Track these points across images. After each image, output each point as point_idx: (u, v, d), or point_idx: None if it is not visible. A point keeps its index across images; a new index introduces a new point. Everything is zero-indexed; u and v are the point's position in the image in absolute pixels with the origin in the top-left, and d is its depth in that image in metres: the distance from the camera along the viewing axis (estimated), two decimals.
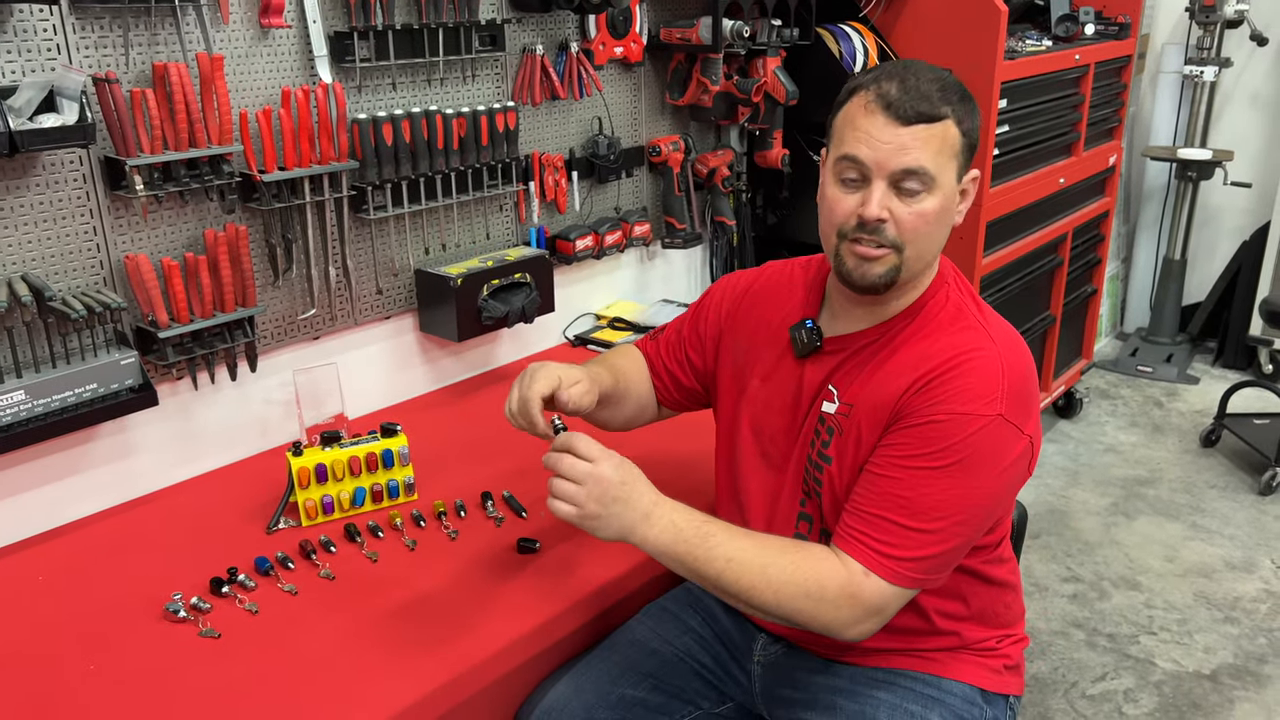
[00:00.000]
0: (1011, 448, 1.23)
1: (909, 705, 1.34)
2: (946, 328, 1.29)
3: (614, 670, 1.44)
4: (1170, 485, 3.45)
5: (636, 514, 1.23)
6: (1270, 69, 4.27)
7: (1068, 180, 3.40)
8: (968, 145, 1.25)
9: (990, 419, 1.21)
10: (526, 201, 2.29)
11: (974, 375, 1.23)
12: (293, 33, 1.79)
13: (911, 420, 1.23)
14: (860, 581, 1.21)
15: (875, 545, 1.22)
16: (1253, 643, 2.63)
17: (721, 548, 1.23)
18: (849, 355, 1.34)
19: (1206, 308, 4.49)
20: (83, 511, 1.70)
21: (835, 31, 2.76)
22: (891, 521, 1.21)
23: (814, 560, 1.23)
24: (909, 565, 1.21)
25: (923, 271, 1.30)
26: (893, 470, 1.23)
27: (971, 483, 1.22)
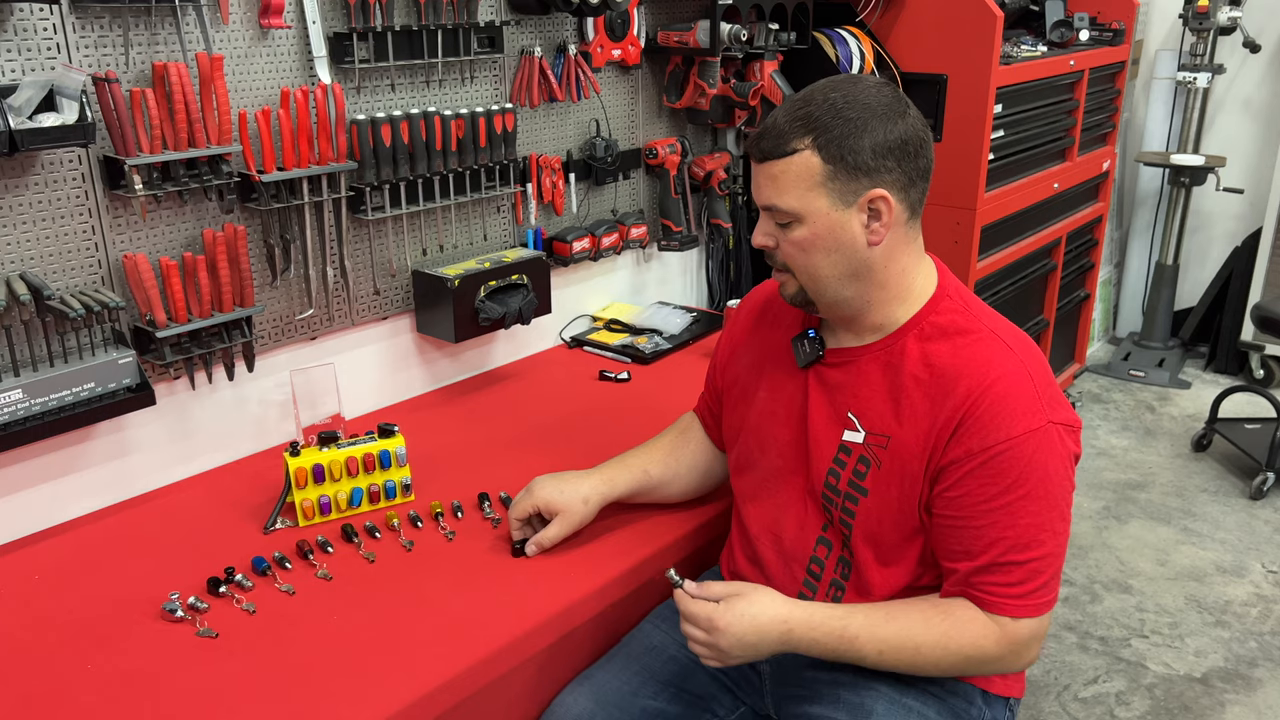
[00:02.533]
0: (1066, 442, 1.26)
1: (907, 700, 1.35)
2: (963, 345, 1.29)
3: (634, 680, 1.45)
4: (1162, 489, 3.47)
5: (773, 643, 1.28)
6: (1263, 76, 4.29)
7: (1062, 185, 3.43)
8: (844, 168, 1.23)
9: (1041, 428, 1.23)
10: (524, 203, 2.30)
11: (1011, 395, 1.24)
12: (292, 33, 1.79)
13: (973, 462, 1.24)
14: (1013, 630, 1.26)
15: (1011, 592, 1.25)
16: (1243, 646, 2.65)
17: (868, 644, 1.27)
18: (856, 372, 1.35)
19: (1198, 313, 4.51)
20: (80, 510, 1.70)
21: (832, 36, 2.77)
22: (1013, 564, 1.24)
23: (962, 626, 1.27)
24: (1045, 593, 1.26)
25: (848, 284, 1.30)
26: (985, 517, 1.25)
27: (1054, 492, 1.25)
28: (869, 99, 1.24)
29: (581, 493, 1.54)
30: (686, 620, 1.29)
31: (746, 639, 1.26)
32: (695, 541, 1.67)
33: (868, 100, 1.24)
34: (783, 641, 1.28)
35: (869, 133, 1.23)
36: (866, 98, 1.24)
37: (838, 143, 1.22)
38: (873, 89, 1.26)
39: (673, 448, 1.66)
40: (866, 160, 1.23)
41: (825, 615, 1.29)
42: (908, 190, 1.27)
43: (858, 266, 1.29)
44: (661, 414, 2.08)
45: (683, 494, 1.67)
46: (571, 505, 1.53)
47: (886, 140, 1.23)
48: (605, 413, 2.10)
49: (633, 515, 1.67)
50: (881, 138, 1.23)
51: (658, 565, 1.59)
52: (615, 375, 2.27)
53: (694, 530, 1.66)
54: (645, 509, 1.67)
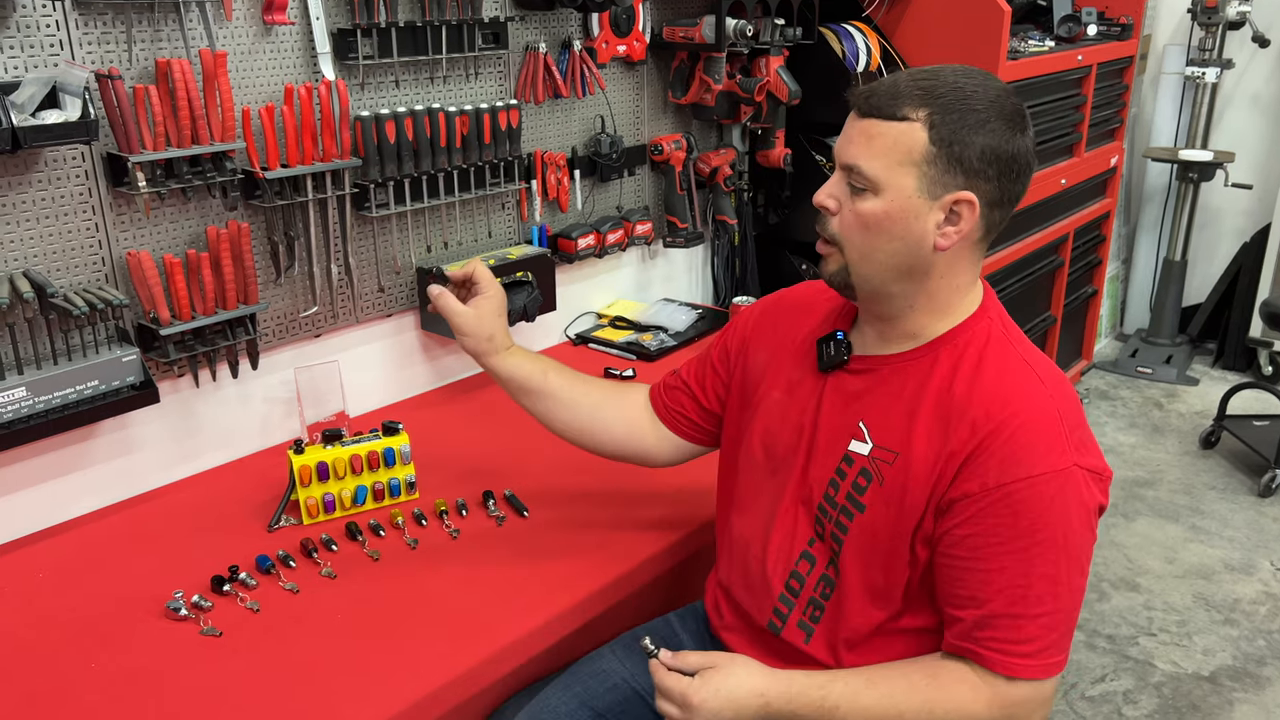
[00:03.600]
0: (1092, 490, 1.15)
1: None
2: (989, 369, 1.18)
3: (571, 702, 1.38)
4: (1170, 486, 3.46)
5: (750, 717, 1.19)
6: (1272, 71, 4.27)
7: (1069, 181, 3.41)
8: (948, 157, 1.13)
9: (1064, 471, 1.12)
10: (529, 200, 2.29)
11: (1035, 430, 1.14)
12: (296, 30, 1.79)
13: (988, 499, 1.13)
14: (1006, 692, 1.15)
15: (1014, 649, 1.14)
16: (1252, 644, 2.64)
17: (849, 714, 1.17)
18: (877, 382, 1.25)
19: (1206, 309, 4.49)
20: (84, 509, 1.69)
21: (838, 31, 2.76)
22: (1019, 616, 1.13)
23: (950, 690, 1.16)
24: (1049, 653, 1.15)
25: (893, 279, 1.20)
26: (993, 562, 1.14)
27: (1072, 543, 1.14)
28: (999, 101, 1.15)
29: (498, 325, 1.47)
30: (661, 695, 1.21)
31: (722, 715, 1.18)
32: (687, 550, 1.66)
33: (998, 101, 1.14)
34: (760, 716, 1.19)
35: (986, 132, 1.13)
36: (997, 99, 1.15)
37: (952, 127, 1.12)
38: (1004, 94, 1.16)
39: (593, 385, 1.54)
40: (972, 158, 1.13)
41: (804, 685, 1.20)
42: (995, 207, 1.17)
43: (914, 264, 1.18)
44: None
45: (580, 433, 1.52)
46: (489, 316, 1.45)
47: (998, 148, 1.14)
48: None
49: (635, 518, 1.66)
50: (995, 143, 1.13)
51: (659, 567, 1.58)
52: (620, 372, 2.26)
53: (685, 538, 1.66)
54: (646, 516, 1.66)
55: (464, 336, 1.46)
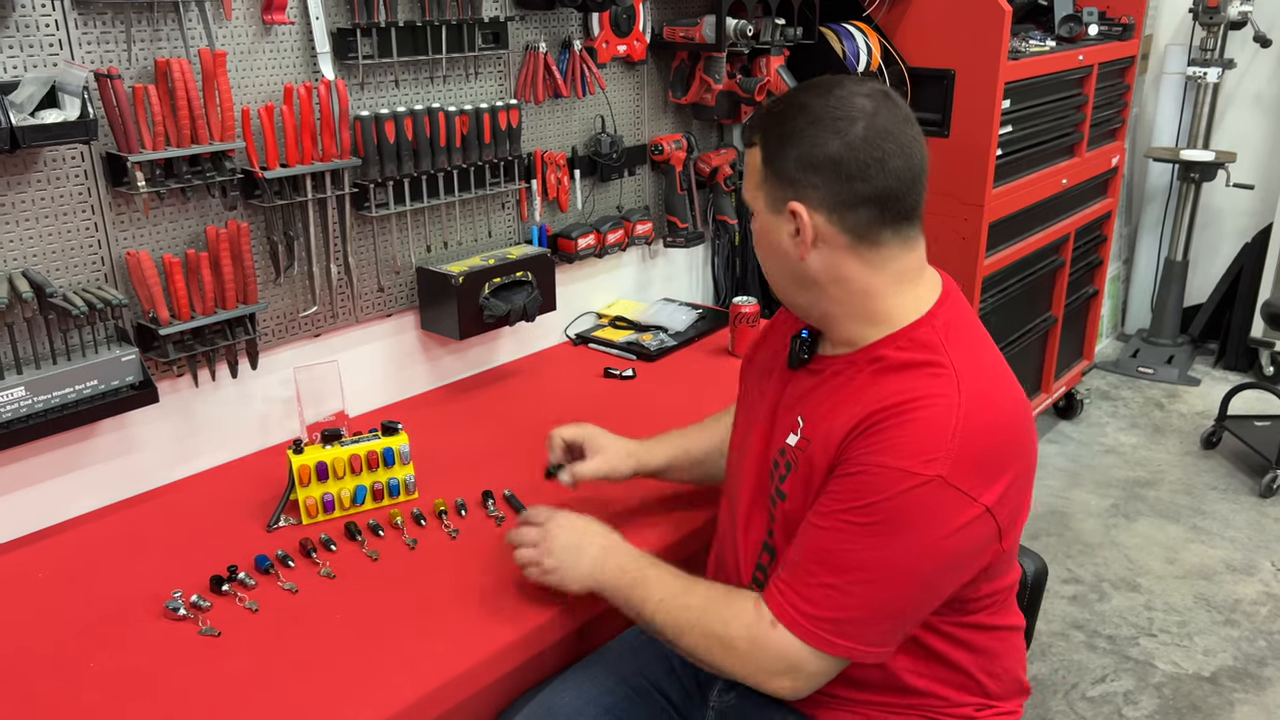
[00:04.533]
0: (954, 515, 1.11)
1: None
2: (913, 367, 1.17)
3: (581, 698, 1.41)
4: (1171, 487, 3.45)
5: (588, 560, 1.32)
6: (1274, 71, 4.26)
7: (1070, 181, 3.40)
8: (773, 173, 1.19)
9: (926, 480, 1.09)
10: (529, 199, 2.29)
11: (917, 426, 1.12)
12: (295, 29, 1.79)
13: (846, 468, 1.15)
14: (765, 630, 1.17)
15: (788, 595, 1.16)
16: (1253, 645, 2.63)
17: (654, 590, 1.26)
18: (821, 382, 1.27)
19: (1208, 309, 4.49)
20: (83, 508, 1.69)
21: (839, 31, 2.75)
22: (810, 574, 1.15)
23: (728, 604, 1.22)
24: (823, 625, 1.14)
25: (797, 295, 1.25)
26: (821, 520, 1.16)
27: (899, 545, 1.12)
28: (820, 109, 1.16)
29: (627, 446, 1.60)
30: (529, 521, 1.39)
31: (571, 537, 1.34)
32: (687, 550, 1.66)
33: (818, 110, 1.16)
34: (600, 556, 1.32)
35: (798, 144, 1.16)
36: (818, 106, 1.16)
37: (773, 145, 1.19)
38: (835, 97, 1.16)
39: (710, 429, 1.64)
40: (789, 171, 1.17)
41: (639, 556, 1.33)
42: (842, 212, 1.16)
43: (798, 276, 1.23)
44: (667, 411, 2.07)
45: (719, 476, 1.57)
46: (614, 448, 1.58)
47: (809, 154, 1.15)
48: (610, 410, 2.09)
49: (634, 519, 1.66)
50: (807, 151, 1.15)
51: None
52: (620, 372, 2.26)
53: (685, 538, 1.65)
54: (649, 511, 1.66)
55: (618, 478, 1.59)
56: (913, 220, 1.20)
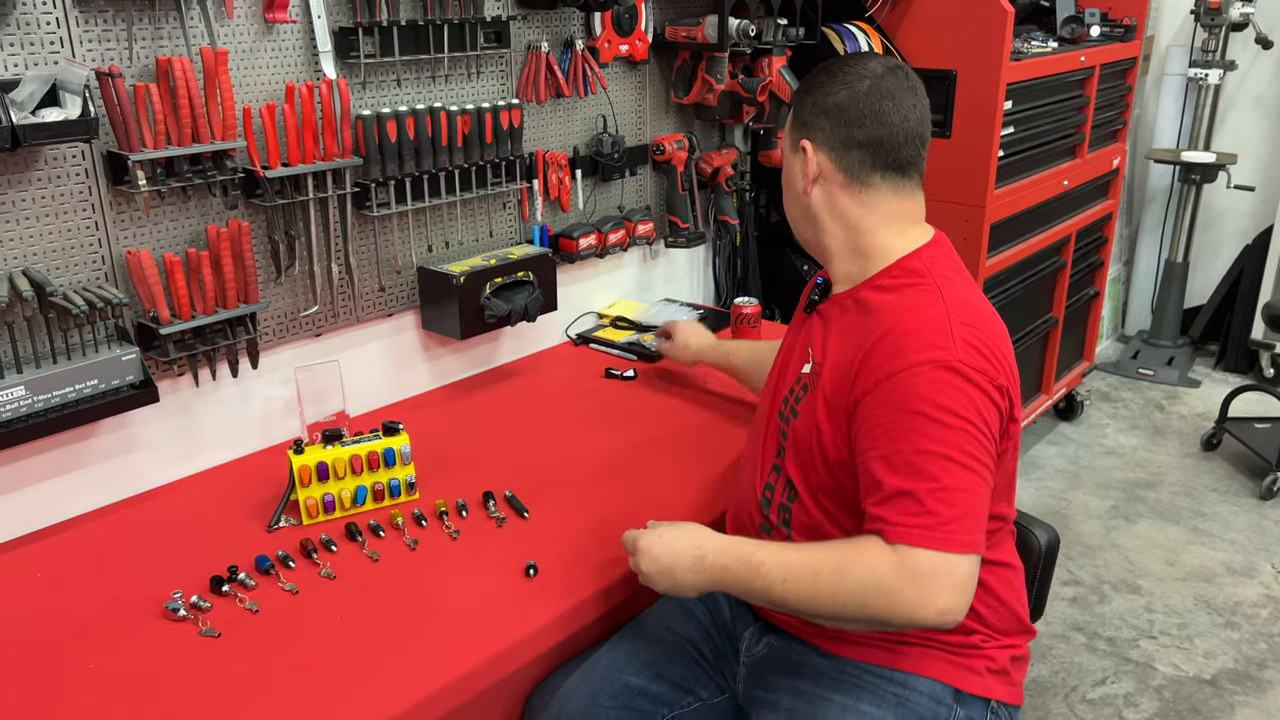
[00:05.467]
0: (972, 392, 1.23)
1: (862, 705, 1.34)
2: (900, 288, 1.35)
3: (619, 659, 1.49)
4: (1171, 489, 3.45)
5: (685, 576, 1.33)
6: (1275, 72, 4.26)
7: (1072, 182, 3.40)
8: (798, 119, 1.42)
9: (945, 362, 1.23)
10: (530, 199, 2.28)
11: (915, 328, 1.27)
12: (297, 28, 1.78)
13: (875, 391, 1.26)
14: (912, 560, 1.19)
15: (909, 521, 1.20)
16: (1253, 647, 2.63)
17: (774, 571, 1.26)
18: (829, 316, 1.44)
19: (1208, 311, 4.49)
20: (83, 508, 1.69)
21: (841, 31, 2.75)
22: (910, 494, 1.20)
23: (862, 554, 1.22)
24: (949, 527, 1.19)
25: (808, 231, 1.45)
26: (884, 441, 1.24)
27: (955, 426, 1.21)
28: (837, 68, 1.40)
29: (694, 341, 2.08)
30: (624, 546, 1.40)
31: (661, 559, 1.33)
32: None
33: (835, 69, 1.40)
34: (695, 566, 1.32)
35: (814, 93, 1.40)
36: (837, 67, 1.40)
37: (798, 96, 1.43)
38: (853, 61, 1.40)
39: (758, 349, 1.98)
40: (804, 114, 1.40)
41: (739, 544, 1.33)
42: (841, 152, 1.37)
43: (804, 208, 1.44)
44: (668, 411, 2.07)
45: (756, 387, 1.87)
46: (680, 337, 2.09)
47: (818, 102, 1.39)
48: (611, 410, 2.09)
49: (635, 519, 1.66)
50: (819, 99, 1.39)
51: None
52: (621, 373, 2.26)
53: None
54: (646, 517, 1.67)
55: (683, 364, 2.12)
56: (906, 173, 1.38)
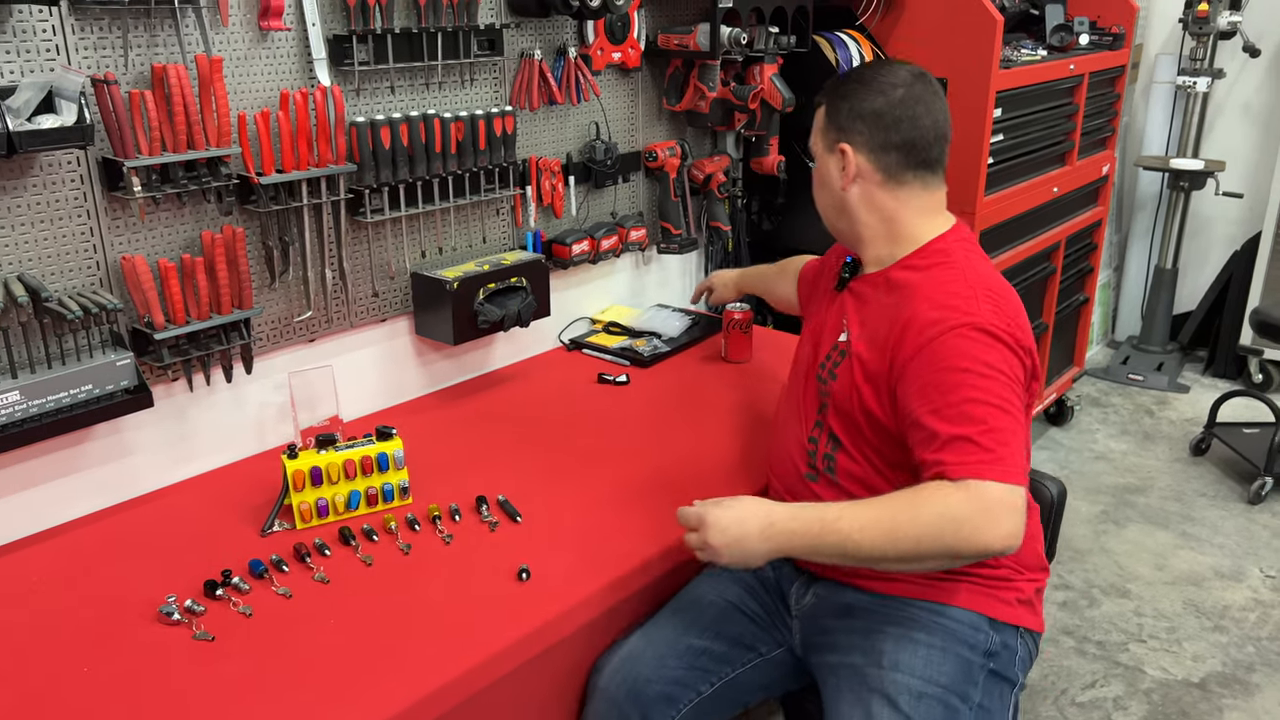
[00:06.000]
0: (998, 347, 1.39)
1: (915, 634, 1.49)
2: (928, 267, 1.51)
3: (680, 624, 1.59)
4: (1160, 493, 3.47)
5: (755, 546, 1.38)
6: (1262, 81, 4.30)
7: (1061, 189, 3.42)
8: (833, 123, 1.56)
9: (973, 324, 1.39)
10: (523, 205, 2.29)
11: (949, 296, 1.43)
12: (292, 35, 1.79)
13: (917, 356, 1.41)
14: (983, 490, 1.30)
15: (970, 459, 1.32)
16: (1241, 651, 2.65)
17: (845, 525, 1.35)
18: (862, 293, 1.59)
19: (1197, 317, 4.51)
20: (77, 512, 1.70)
21: (832, 39, 2.77)
22: (965, 439, 1.33)
23: (933, 495, 1.33)
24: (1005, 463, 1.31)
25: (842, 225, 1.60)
26: (934, 395, 1.38)
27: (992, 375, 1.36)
28: (870, 76, 1.54)
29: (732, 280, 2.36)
30: (683, 522, 1.43)
31: (729, 531, 1.38)
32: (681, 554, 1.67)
33: (869, 77, 1.54)
34: (764, 534, 1.38)
35: (851, 99, 1.54)
36: (869, 75, 1.55)
37: (832, 102, 1.57)
38: (884, 70, 1.55)
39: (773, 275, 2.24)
40: (842, 119, 1.54)
41: (804, 508, 1.41)
42: (878, 154, 1.52)
43: (840, 204, 1.58)
44: (661, 416, 2.08)
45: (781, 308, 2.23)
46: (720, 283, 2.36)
47: (860, 108, 1.52)
48: (604, 415, 2.10)
49: (628, 524, 1.67)
50: (856, 105, 1.53)
51: (654, 571, 1.59)
52: (614, 378, 2.27)
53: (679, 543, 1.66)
54: (640, 521, 1.68)
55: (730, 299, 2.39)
56: (934, 170, 1.55)
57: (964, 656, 1.48)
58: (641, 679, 1.51)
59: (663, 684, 1.52)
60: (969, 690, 1.46)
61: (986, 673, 1.49)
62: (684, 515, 1.44)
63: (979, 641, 1.49)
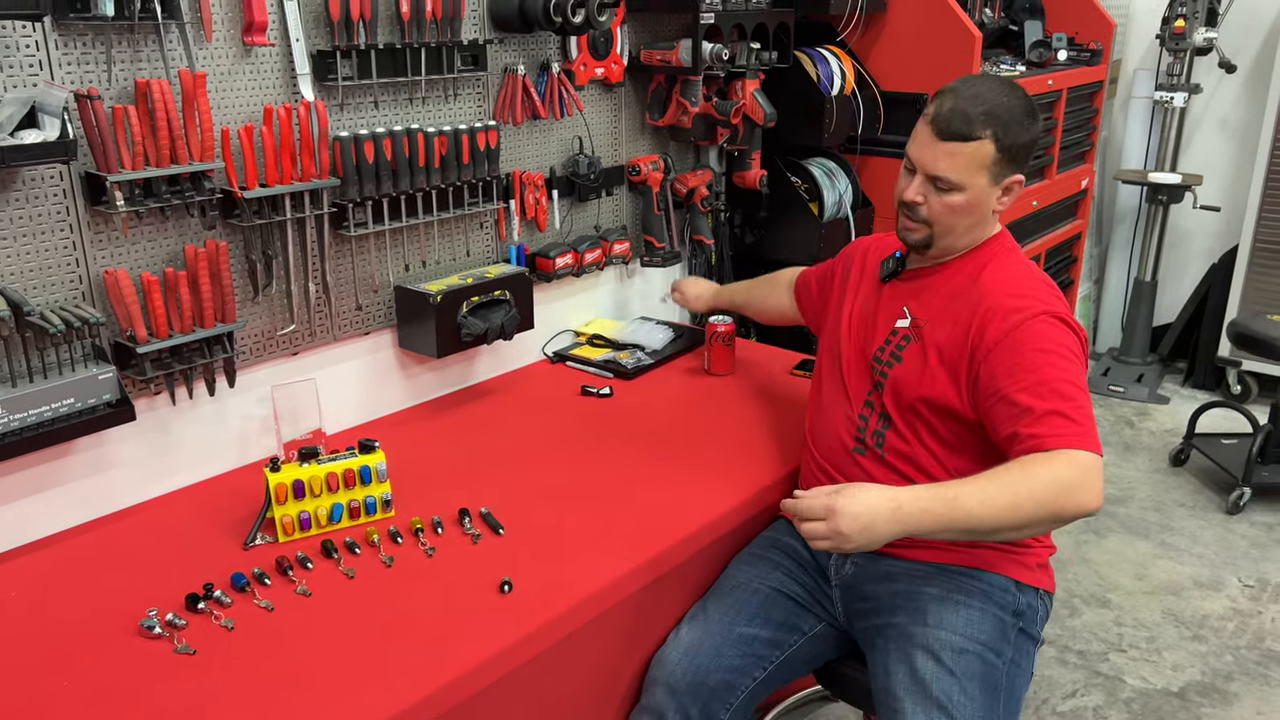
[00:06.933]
0: (1071, 335, 1.55)
1: (955, 596, 1.63)
2: (999, 269, 1.64)
3: (730, 613, 1.69)
4: (1140, 504, 3.50)
5: (886, 518, 1.43)
6: (1238, 95, 4.36)
7: (1041, 203, 3.46)
8: (1007, 157, 1.59)
9: (1049, 312, 1.55)
10: (507, 219, 2.31)
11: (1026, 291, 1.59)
12: (275, 51, 1.80)
13: (1001, 342, 1.54)
14: (1078, 458, 1.45)
15: (1062, 430, 1.46)
16: (1219, 660, 2.67)
17: (971, 498, 1.44)
18: (920, 284, 1.72)
19: (1176, 329, 4.56)
20: (58, 526, 1.69)
21: (813, 55, 2.80)
22: (1055, 413, 1.47)
23: (1038, 461, 1.45)
24: (1088, 436, 1.47)
25: (963, 236, 1.66)
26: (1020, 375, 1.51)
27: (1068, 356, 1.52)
28: (1027, 107, 1.60)
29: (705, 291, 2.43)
30: (805, 516, 1.46)
31: (862, 517, 1.42)
32: (660, 568, 1.68)
33: (1027, 108, 1.60)
34: (894, 517, 1.43)
35: (1027, 132, 1.60)
36: (1025, 105, 1.60)
37: (1011, 139, 1.59)
38: (1024, 98, 1.61)
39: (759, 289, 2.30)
40: (1022, 153, 1.62)
41: (926, 488, 1.50)
42: (1027, 175, 1.65)
43: (978, 224, 1.66)
44: (644, 429, 2.09)
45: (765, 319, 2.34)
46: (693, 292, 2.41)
47: (1034, 139, 1.63)
48: (587, 427, 2.11)
49: (610, 537, 1.68)
50: (1031, 137, 1.62)
51: (634, 584, 1.60)
52: (598, 390, 2.28)
53: (658, 556, 1.67)
54: (621, 535, 1.69)
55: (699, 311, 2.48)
56: None
57: (999, 616, 1.62)
58: (704, 670, 1.61)
59: (722, 673, 1.62)
60: (1003, 647, 1.61)
61: (1016, 631, 1.64)
62: (803, 507, 1.46)
63: (1008, 603, 1.64)
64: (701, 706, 1.61)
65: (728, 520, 1.78)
